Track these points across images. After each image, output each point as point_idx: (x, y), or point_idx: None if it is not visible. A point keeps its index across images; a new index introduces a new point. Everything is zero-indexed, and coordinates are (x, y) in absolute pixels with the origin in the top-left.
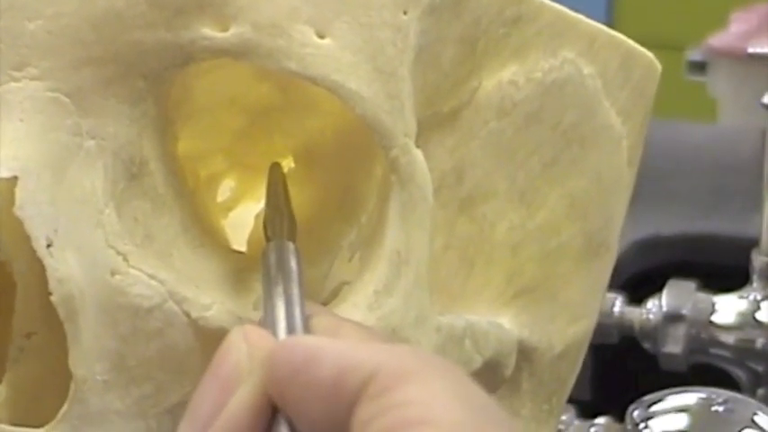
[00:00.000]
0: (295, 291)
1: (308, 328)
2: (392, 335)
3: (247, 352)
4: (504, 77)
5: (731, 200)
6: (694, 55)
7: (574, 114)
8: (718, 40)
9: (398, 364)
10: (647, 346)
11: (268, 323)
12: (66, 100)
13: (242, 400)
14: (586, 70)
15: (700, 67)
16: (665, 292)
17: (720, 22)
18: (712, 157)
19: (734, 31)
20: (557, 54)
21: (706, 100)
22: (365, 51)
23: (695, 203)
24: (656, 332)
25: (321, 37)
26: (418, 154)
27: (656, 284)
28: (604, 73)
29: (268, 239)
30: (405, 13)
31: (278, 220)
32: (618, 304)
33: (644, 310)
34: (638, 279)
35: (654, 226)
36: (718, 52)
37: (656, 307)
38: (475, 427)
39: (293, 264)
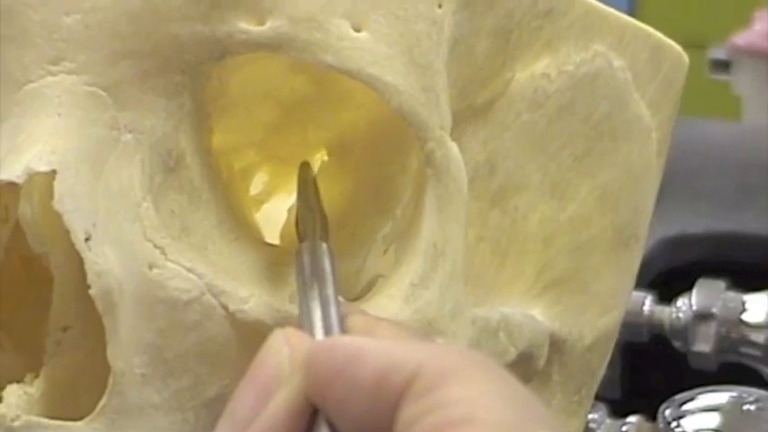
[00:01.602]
0: (330, 291)
1: (344, 328)
2: (428, 327)
3: (288, 355)
4: (536, 70)
5: (757, 198)
6: (717, 53)
7: (605, 107)
8: (742, 38)
9: (441, 363)
10: (677, 344)
11: (304, 324)
12: (104, 94)
13: (281, 401)
14: (617, 63)
15: (723, 65)
16: (694, 291)
17: (741, 20)
18: (737, 156)
19: (758, 30)
20: (588, 47)
21: (728, 98)
22: (401, 44)
23: (721, 202)
24: (686, 331)
25: (357, 30)
26: (453, 146)
27: (682, 282)
28: (634, 65)
29: (301, 240)
30: (440, 6)
31: (310, 219)
32: (648, 303)
33: (674, 309)
34: (664, 277)
35: (680, 224)
36: (742, 51)
37: (686, 306)
38: (519, 425)
39: (327, 264)
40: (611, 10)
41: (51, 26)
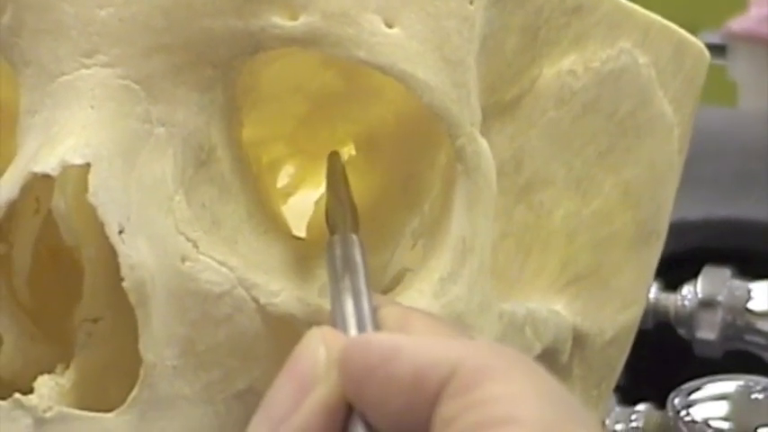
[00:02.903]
0: (362, 284)
1: (376, 321)
2: (457, 321)
3: (324, 353)
4: (563, 66)
5: (755, 185)
6: (709, 37)
7: (629, 104)
8: (738, 23)
9: (479, 360)
10: (681, 332)
11: (337, 316)
12: (137, 87)
13: (317, 399)
14: (641, 60)
15: (717, 49)
16: (700, 279)
17: (732, 4)
18: (736, 142)
19: (754, 15)
20: (614, 44)
21: (722, 83)
22: (433, 41)
23: (720, 188)
24: (691, 318)
25: (389, 26)
26: (484, 143)
27: (682, 269)
28: (658, 62)
29: (331, 232)
30: (471, 2)
31: (340, 211)
32: (653, 291)
33: (679, 297)
34: (665, 264)
35: (680, 211)
36: (738, 36)
37: (691, 293)
38: (559, 423)
39: (358, 257)
40: (636, 6)
41: (86, 19)
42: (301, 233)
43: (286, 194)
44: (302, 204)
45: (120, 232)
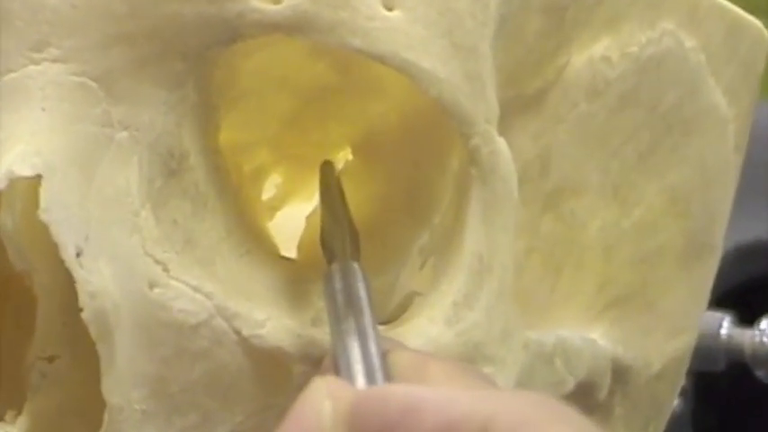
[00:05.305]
0: (368, 325)
1: (387, 369)
2: (474, 352)
3: (331, 408)
4: (595, 53)
5: None
6: None
7: (674, 94)
8: None
9: (513, 414)
10: (759, 374)
11: (341, 365)
12: (94, 85)
13: None
14: (688, 43)
15: None
16: None
17: None
18: None
19: None
20: (655, 25)
21: None
22: (440, 25)
23: None
24: None
25: (389, 8)
26: (502, 143)
27: (758, 299)
28: (708, 46)
29: (329, 260)
30: None
31: (337, 234)
32: (726, 325)
33: (756, 332)
34: (737, 293)
35: (755, 229)
36: None
37: None
38: None
39: (362, 291)
40: None
41: (34, 6)
42: (291, 253)
43: (272, 208)
44: (291, 220)
45: (78, 255)
